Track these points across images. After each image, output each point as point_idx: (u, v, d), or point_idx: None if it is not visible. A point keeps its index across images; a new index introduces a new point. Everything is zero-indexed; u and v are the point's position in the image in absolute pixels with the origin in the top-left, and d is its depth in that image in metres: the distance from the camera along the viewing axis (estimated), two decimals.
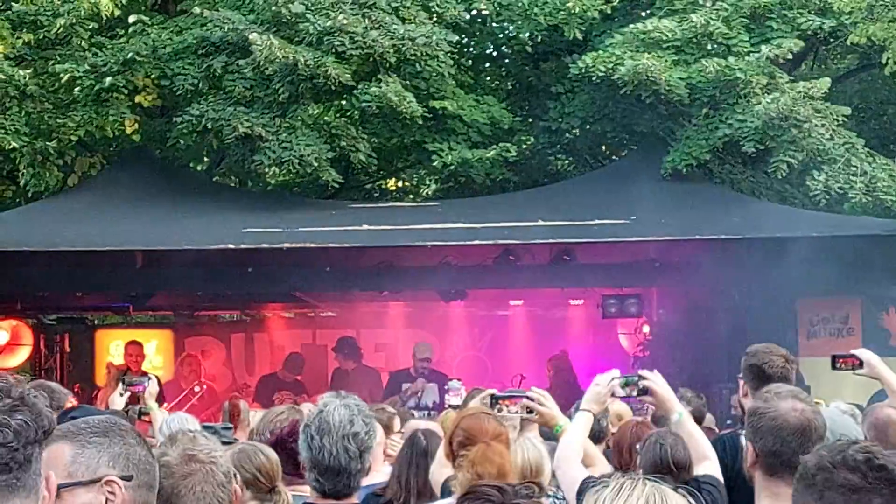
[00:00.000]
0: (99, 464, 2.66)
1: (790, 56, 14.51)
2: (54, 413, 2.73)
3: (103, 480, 2.63)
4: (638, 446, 5.38)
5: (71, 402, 6.60)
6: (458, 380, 12.20)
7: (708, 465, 5.03)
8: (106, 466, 2.66)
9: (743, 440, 4.99)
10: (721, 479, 5.02)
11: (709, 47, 14.39)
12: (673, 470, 4.98)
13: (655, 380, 5.14)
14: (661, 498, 2.08)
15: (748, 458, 3.93)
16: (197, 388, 14.61)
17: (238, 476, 4.47)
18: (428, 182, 20.02)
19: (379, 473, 5.72)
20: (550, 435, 6.54)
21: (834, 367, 6.07)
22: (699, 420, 7.68)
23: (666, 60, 13.99)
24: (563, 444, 5.16)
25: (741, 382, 5.88)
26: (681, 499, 2.09)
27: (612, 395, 5.20)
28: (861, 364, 5.97)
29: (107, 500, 2.62)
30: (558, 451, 5.18)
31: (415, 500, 5.51)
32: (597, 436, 6.45)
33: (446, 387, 11.67)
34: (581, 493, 4.90)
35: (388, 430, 6.78)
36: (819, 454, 2.83)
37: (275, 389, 14.22)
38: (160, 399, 10.20)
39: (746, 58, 14.08)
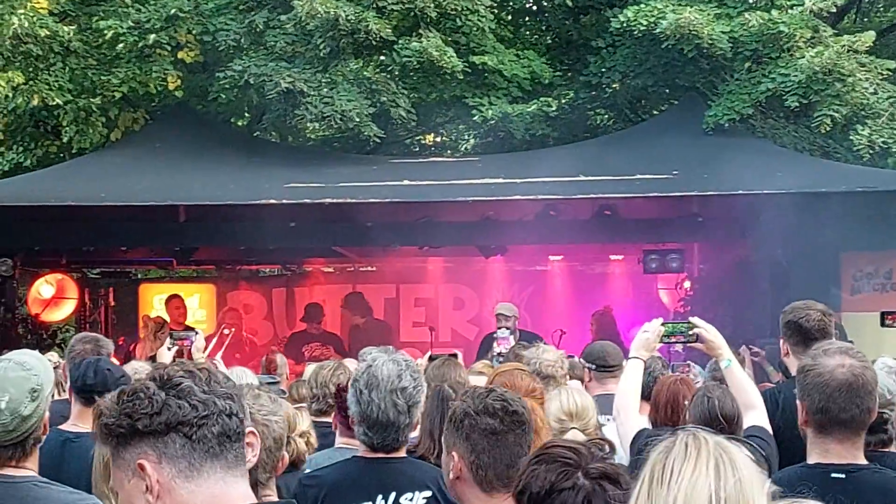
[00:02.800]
0: None
1: (834, 9, 14.37)
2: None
3: None
4: (686, 402, 5.40)
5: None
6: (507, 328, 12.01)
7: (754, 414, 5.06)
8: None
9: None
10: (769, 428, 5.05)
11: (751, 0, 14.27)
12: (722, 423, 5.01)
13: (706, 326, 5.20)
14: (728, 459, 2.12)
15: (800, 415, 3.95)
16: (226, 331, 14.64)
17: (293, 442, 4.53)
18: (467, 137, 20.00)
19: None
20: None
21: (883, 324, 6.10)
22: None
23: (708, 14, 13.89)
24: (619, 394, 5.23)
25: (782, 342, 5.88)
26: (744, 458, 2.12)
27: (661, 342, 5.25)
28: None
29: None
30: (616, 400, 5.24)
31: None
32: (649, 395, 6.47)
33: (494, 335, 11.58)
34: (634, 443, 4.96)
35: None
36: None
37: (303, 343, 14.34)
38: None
39: (790, 11, 13.96)
